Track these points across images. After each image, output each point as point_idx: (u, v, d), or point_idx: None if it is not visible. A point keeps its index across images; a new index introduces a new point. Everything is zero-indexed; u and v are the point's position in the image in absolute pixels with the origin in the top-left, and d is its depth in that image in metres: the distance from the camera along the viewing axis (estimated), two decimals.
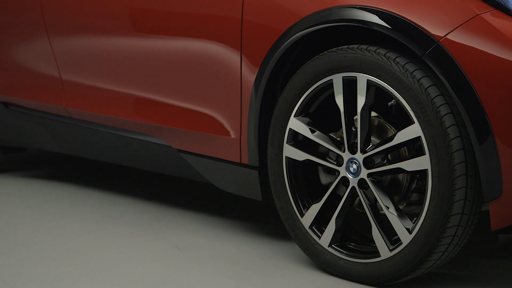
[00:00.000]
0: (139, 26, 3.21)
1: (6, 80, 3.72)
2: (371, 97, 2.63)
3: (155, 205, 3.49)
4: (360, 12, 2.60)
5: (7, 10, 3.66)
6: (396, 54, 2.56)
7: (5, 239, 3.08)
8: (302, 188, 2.82)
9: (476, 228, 2.61)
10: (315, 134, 2.75)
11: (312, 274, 2.78)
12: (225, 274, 2.79)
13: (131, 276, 2.75)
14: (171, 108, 3.16)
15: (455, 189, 2.48)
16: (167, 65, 3.14)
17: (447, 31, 2.46)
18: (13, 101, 3.72)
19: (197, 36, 3.03)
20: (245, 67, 2.88)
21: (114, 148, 3.43)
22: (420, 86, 2.51)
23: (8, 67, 3.70)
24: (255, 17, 2.85)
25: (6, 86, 3.72)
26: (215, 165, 3.06)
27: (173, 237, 3.12)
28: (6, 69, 3.71)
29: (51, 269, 2.80)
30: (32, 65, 3.61)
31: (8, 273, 2.76)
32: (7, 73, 3.71)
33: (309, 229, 2.79)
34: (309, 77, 2.73)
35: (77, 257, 2.91)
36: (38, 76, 3.59)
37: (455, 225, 2.52)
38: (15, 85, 3.69)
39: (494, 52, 2.40)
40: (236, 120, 2.95)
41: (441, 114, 2.49)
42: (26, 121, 3.68)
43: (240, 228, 3.22)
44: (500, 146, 2.42)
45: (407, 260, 2.59)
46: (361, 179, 2.67)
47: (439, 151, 2.49)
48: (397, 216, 2.60)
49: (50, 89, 3.56)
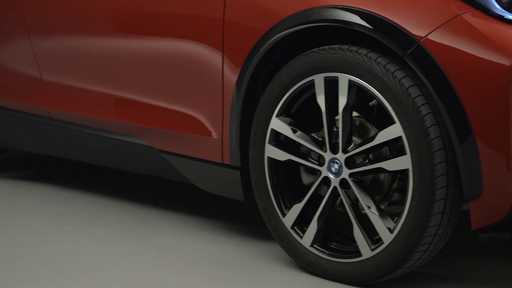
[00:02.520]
0: (120, 27, 3.21)
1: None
2: (353, 97, 2.64)
3: (137, 206, 3.48)
4: (342, 12, 2.60)
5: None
6: (377, 54, 2.57)
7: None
8: (284, 188, 2.83)
9: (457, 227, 2.62)
10: (296, 134, 2.75)
11: (294, 274, 2.78)
12: (207, 275, 2.79)
13: (113, 277, 2.75)
14: (153, 108, 3.16)
15: (436, 189, 2.50)
16: (148, 66, 3.14)
17: (428, 31, 2.48)
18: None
19: (178, 37, 3.02)
20: (226, 67, 2.89)
21: (95, 149, 3.42)
22: (401, 86, 2.52)
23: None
24: (237, 17, 2.85)
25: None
26: (197, 165, 3.06)
27: (155, 238, 3.11)
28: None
29: (31, 270, 2.79)
30: (13, 65, 3.59)
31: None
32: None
33: (291, 229, 2.79)
34: (291, 78, 2.73)
35: (58, 258, 2.90)
36: (18, 76, 3.57)
37: (436, 224, 2.53)
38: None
39: (475, 52, 2.42)
40: (218, 121, 2.95)
41: (422, 114, 2.50)
42: (7, 122, 3.66)
43: (222, 228, 3.22)
44: (480, 146, 2.43)
45: (388, 259, 2.60)
46: (343, 179, 2.68)
47: (420, 151, 2.50)
48: (378, 215, 2.61)
49: (31, 89, 3.54)
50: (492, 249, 3.04)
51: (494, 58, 2.40)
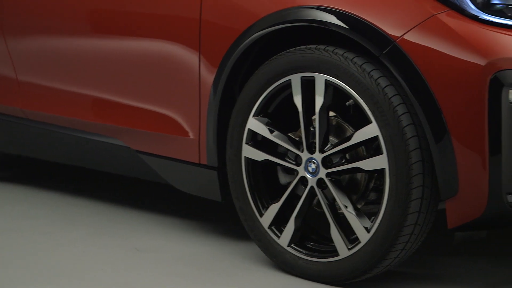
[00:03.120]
0: (97, 27, 3.20)
1: None
2: (329, 97, 2.64)
3: (113, 207, 3.47)
4: (318, 12, 2.61)
5: None
6: (354, 54, 2.58)
7: None
8: (261, 188, 2.83)
9: (433, 226, 2.64)
10: (273, 134, 2.75)
11: (272, 274, 2.79)
12: (184, 275, 2.78)
13: (89, 278, 2.73)
14: (130, 109, 3.15)
15: (412, 188, 2.51)
16: (125, 66, 3.13)
17: (404, 31, 2.49)
18: None
19: (155, 37, 3.02)
20: (203, 67, 2.88)
21: (71, 149, 3.40)
22: (377, 86, 2.53)
23: None
24: (213, 17, 2.85)
25: None
26: (174, 166, 3.05)
27: (132, 239, 3.10)
28: None
29: (5, 271, 2.77)
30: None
31: None
32: None
33: (268, 229, 2.79)
34: (268, 78, 2.73)
35: (32, 260, 2.88)
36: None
37: (412, 223, 2.55)
38: None
39: (450, 52, 2.43)
40: (194, 121, 2.95)
41: (398, 114, 2.51)
42: None
43: (199, 229, 3.22)
44: (456, 145, 2.45)
45: (365, 258, 2.61)
46: (320, 178, 2.68)
47: (397, 150, 2.51)
48: (355, 215, 2.62)
49: (6, 90, 3.52)
50: (468, 247, 3.07)
51: (469, 58, 2.41)
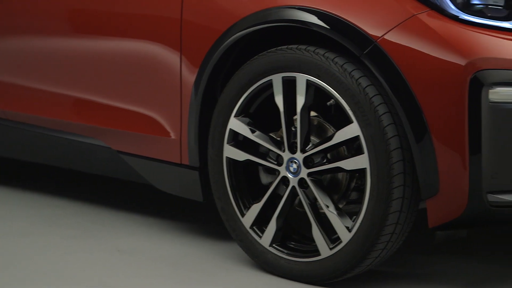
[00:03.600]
0: (78, 26, 3.18)
1: None
2: (311, 97, 2.65)
3: (95, 208, 3.46)
4: (299, 12, 2.61)
5: None
6: (335, 54, 2.59)
7: None
8: (242, 188, 2.83)
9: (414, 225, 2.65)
10: (255, 134, 2.76)
11: (253, 274, 2.79)
12: (166, 276, 2.78)
13: (71, 279, 2.73)
14: (111, 109, 3.14)
15: (393, 188, 2.52)
16: (106, 66, 3.12)
17: (384, 31, 2.50)
18: None
19: (136, 37, 3.01)
20: (184, 67, 2.88)
21: (52, 150, 3.39)
22: (358, 86, 2.54)
23: None
24: (195, 18, 2.85)
25: None
26: (155, 166, 3.04)
27: (114, 240, 3.09)
28: None
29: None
30: None
31: None
32: None
33: (250, 229, 2.79)
34: (249, 78, 2.73)
35: (15, 260, 2.87)
36: None
37: (393, 223, 2.55)
38: None
39: (430, 52, 2.44)
40: (176, 121, 2.95)
41: (379, 114, 2.52)
42: None
43: (181, 229, 3.22)
44: (437, 145, 2.46)
45: (347, 258, 2.62)
46: (301, 178, 2.68)
47: (378, 150, 2.52)
48: (336, 214, 2.63)
49: None
50: (449, 246, 3.08)
51: (450, 57, 2.43)
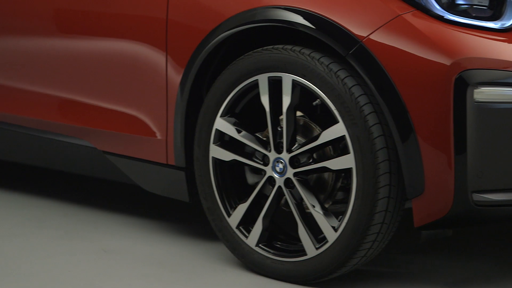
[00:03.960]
0: (63, 27, 3.17)
1: None
2: (296, 97, 2.65)
3: (81, 208, 3.45)
4: (285, 12, 2.62)
5: None
6: (320, 54, 2.59)
7: None
8: (229, 188, 2.83)
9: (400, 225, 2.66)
10: (241, 134, 2.76)
11: (240, 274, 2.79)
12: (152, 276, 2.77)
13: (57, 280, 2.72)
14: (97, 109, 3.13)
15: (379, 187, 2.52)
16: (92, 66, 3.11)
17: (370, 31, 2.50)
18: None
19: (122, 37, 3.00)
20: (170, 67, 2.88)
21: (38, 150, 3.38)
22: (344, 86, 2.54)
23: None
24: (180, 17, 2.84)
25: None
26: (141, 166, 3.04)
27: (100, 240, 3.09)
28: None
29: None
30: None
31: None
32: None
33: (236, 229, 2.79)
34: (235, 78, 2.73)
35: (1, 262, 2.85)
36: None
37: (379, 222, 2.56)
38: None
39: (415, 52, 2.45)
40: (162, 121, 2.94)
41: (365, 113, 2.53)
42: None
43: (167, 229, 3.21)
44: (422, 144, 2.46)
45: (333, 258, 2.62)
46: (287, 178, 2.69)
47: (363, 150, 2.52)
48: (323, 214, 2.63)
49: None
50: (435, 246, 3.09)
51: (435, 57, 2.43)
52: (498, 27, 2.49)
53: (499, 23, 2.49)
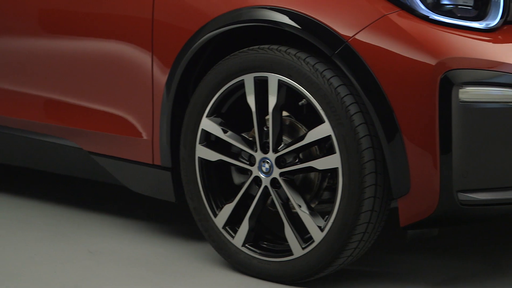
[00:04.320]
0: (48, 27, 3.16)
1: None
2: (282, 97, 2.65)
3: (67, 209, 3.44)
4: (270, 12, 2.62)
5: None
6: (306, 54, 2.59)
7: None
8: (215, 188, 2.83)
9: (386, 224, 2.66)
10: (227, 134, 2.75)
11: (226, 274, 2.79)
12: (138, 277, 2.77)
13: (42, 281, 2.71)
14: (82, 110, 3.12)
15: (365, 187, 2.53)
16: (78, 67, 3.10)
17: (355, 31, 2.51)
18: None
19: (107, 37, 3.00)
20: (156, 67, 2.87)
21: (23, 151, 3.36)
22: (330, 86, 2.55)
23: None
24: (166, 17, 2.84)
25: None
26: (127, 166, 3.03)
27: (85, 241, 3.08)
28: None
29: None
30: None
31: None
32: None
33: (223, 229, 2.79)
34: (221, 78, 2.73)
35: None
36: None
37: (365, 222, 2.56)
38: None
39: (401, 52, 2.46)
40: (148, 121, 2.94)
41: (351, 113, 2.53)
42: None
43: (153, 230, 3.21)
44: (407, 144, 2.47)
45: (319, 257, 2.62)
46: (274, 178, 2.69)
47: (349, 150, 2.53)
48: (309, 214, 2.63)
49: None
50: (421, 245, 3.10)
51: (420, 57, 2.44)
52: (483, 27, 2.50)
53: (484, 23, 2.50)
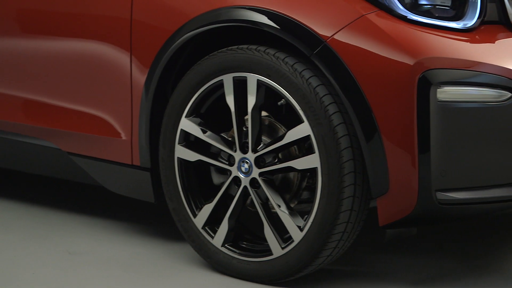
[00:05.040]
0: (27, 27, 3.15)
1: None
2: (261, 97, 2.65)
3: (45, 210, 3.43)
4: (249, 12, 2.62)
5: None
6: (285, 54, 2.60)
7: None
8: (194, 188, 2.82)
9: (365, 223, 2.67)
10: (206, 135, 2.75)
11: (206, 275, 2.78)
12: (117, 277, 2.76)
13: (21, 283, 2.69)
14: (61, 110, 3.11)
15: (344, 187, 2.53)
16: (56, 67, 3.09)
17: (334, 31, 2.51)
18: None
19: (86, 37, 2.99)
20: (135, 68, 2.86)
21: (2, 152, 3.34)
22: (308, 86, 2.55)
23: None
24: (145, 17, 2.83)
25: None
26: (106, 167, 3.02)
27: (64, 242, 3.07)
28: None
29: None
30: None
31: None
32: None
33: (202, 230, 2.79)
34: (200, 78, 2.73)
35: None
36: None
37: (344, 221, 2.57)
38: None
39: (379, 52, 2.47)
40: (127, 122, 2.93)
41: (330, 113, 2.53)
42: None
43: (132, 230, 3.20)
44: (386, 144, 2.48)
45: (299, 257, 2.63)
46: (253, 178, 2.69)
47: (328, 149, 2.53)
48: (288, 214, 2.64)
49: None
50: (400, 244, 3.11)
51: (398, 57, 2.45)
52: (461, 27, 2.51)
53: (462, 23, 2.52)
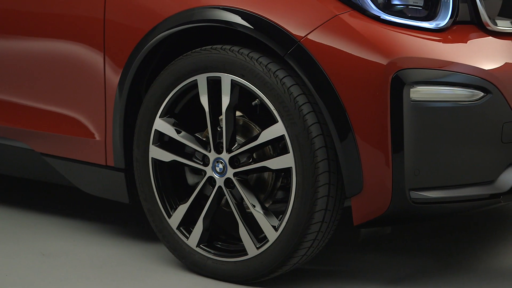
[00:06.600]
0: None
1: None
2: (236, 97, 2.65)
3: (18, 211, 3.40)
4: (223, 12, 2.62)
5: None
6: (259, 54, 2.60)
7: None
8: (169, 189, 2.82)
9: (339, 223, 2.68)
10: (180, 135, 2.75)
11: (181, 275, 2.78)
12: (92, 279, 2.75)
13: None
14: (33, 111, 3.09)
15: (318, 186, 2.54)
16: (28, 67, 3.07)
17: (308, 31, 2.52)
18: None
19: (59, 37, 2.97)
20: (108, 68, 2.85)
21: None
22: (282, 86, 2.55)
23: None
24: (118, 17, 2.82)
25: None
26: (80, 168, 3.01)
27: (38, 243, 3.05)
28: None
29: None
30: None
31: None
32: None
33: (177, 230, 2.78)
34: (174, 78, 2.72)
35: None
36: None
37: (319, 221, 2.58)
38: None
39: (353, 52, 2.47)
40: (100, 122, 2.92)
41: (304, 113, 2.54)
42: None
43: (106, 231, 3.19)
44: (360, 143, 2.49)
45: (274, 257, 2.63)
46: (227, 178, 2.69)
47: (302, 149, 2.54)
48: (263, 214, 2.64)
49: None
50: (374, 243, 3.12)
51: (372, 57, 2.46)
52: (433, 27, 2.53)
53: (434, 23, 2.53)
